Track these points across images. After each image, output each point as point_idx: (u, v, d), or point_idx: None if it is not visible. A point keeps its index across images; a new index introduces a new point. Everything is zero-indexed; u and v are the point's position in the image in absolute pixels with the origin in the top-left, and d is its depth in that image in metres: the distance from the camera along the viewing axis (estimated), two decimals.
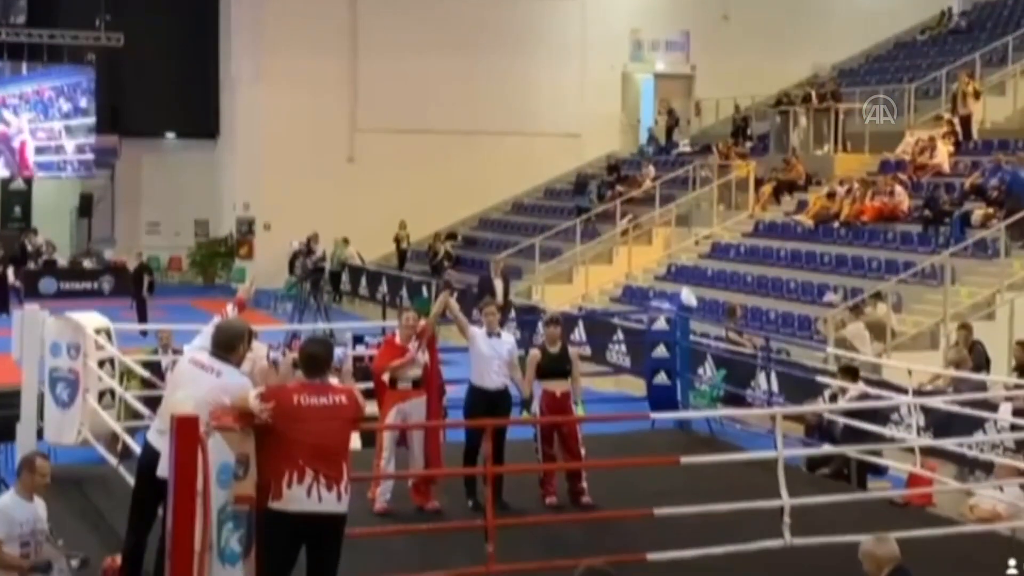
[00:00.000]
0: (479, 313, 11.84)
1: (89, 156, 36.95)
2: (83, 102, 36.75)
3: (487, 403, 10.97)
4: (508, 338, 11.48)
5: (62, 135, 36.79)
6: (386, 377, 10.94)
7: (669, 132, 36.20)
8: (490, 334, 11.25)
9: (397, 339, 11.07)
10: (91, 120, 36.69)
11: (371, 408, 11.10)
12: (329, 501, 7.18)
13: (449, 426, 12.21)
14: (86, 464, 12.18)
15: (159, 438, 7.94)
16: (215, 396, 7.50)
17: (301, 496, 7.13)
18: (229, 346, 7.89)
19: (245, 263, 37.11)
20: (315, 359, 7.52)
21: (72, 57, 36.65)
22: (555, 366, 11.37)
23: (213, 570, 7.11)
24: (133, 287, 28.74)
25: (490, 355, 11.15)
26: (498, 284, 23.70)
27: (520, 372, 11.39)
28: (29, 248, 35.15)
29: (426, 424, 10.88)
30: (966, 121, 26.53)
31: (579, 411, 11.44)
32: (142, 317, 25.79)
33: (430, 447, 10.93)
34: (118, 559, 8.48)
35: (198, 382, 7.73)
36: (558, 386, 11.34)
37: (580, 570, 6.33)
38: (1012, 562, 6.30)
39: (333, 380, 7.83)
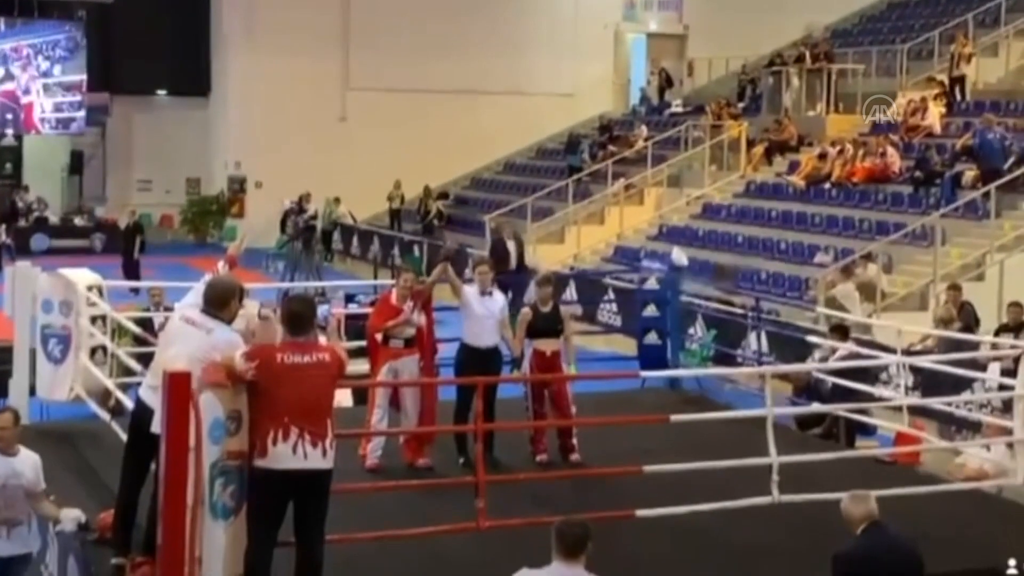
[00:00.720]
0: (472, 271, 11.87)
1: (80, 113, 36.80)
2: (73, 58, 36.56)
3: (479, 361, 11.01)
4: (499, 297, 11.52)
5: (50, 92, 36.63)
6: (379, 336, 10.98)
7: (661, 92, 36.14)
8: (482, 293, 11.29)
9: (392, 299, 11.10)
10: (82, 77, 36.52)
11: (360, 366, 11.20)
12: (314, 458, 7.24)
13: (440, 383, 12.25)
14: (78, 420, 12.23)
15: (151, 394, 7.97)
16: (206, 353, 7.51)
17: (287, 454, 7.18)
18: (221, 303, 7.91)
19: (237, 221, 37.07)
20: (299, 318, 7.54)
21: (62, 12, 36.46)
22: (546, 325, 11.42)
23: (205, 524, 7.16)
24: (124, 245, 28.67)
25: (483, 314, 11.19)
26: (512, 247, 23.42)
27: (511, 331, 11.44)
28: (20, 205, 35.09)
29: (417, 381, 10.93)
30: (960, 82, 26.54)
31: (572, 371, 11.50)
32: (132, 277, 25.64)
33: (425, 405, 10.98)
34: (111, 514, 8.52)
35: (189, 339, 7.74)
36: (548, 345, 11.39)
37: (557, 524, 6.53)
38: (1012, 562, 6.36)
39: (321, 339, 7.85)
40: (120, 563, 8.22)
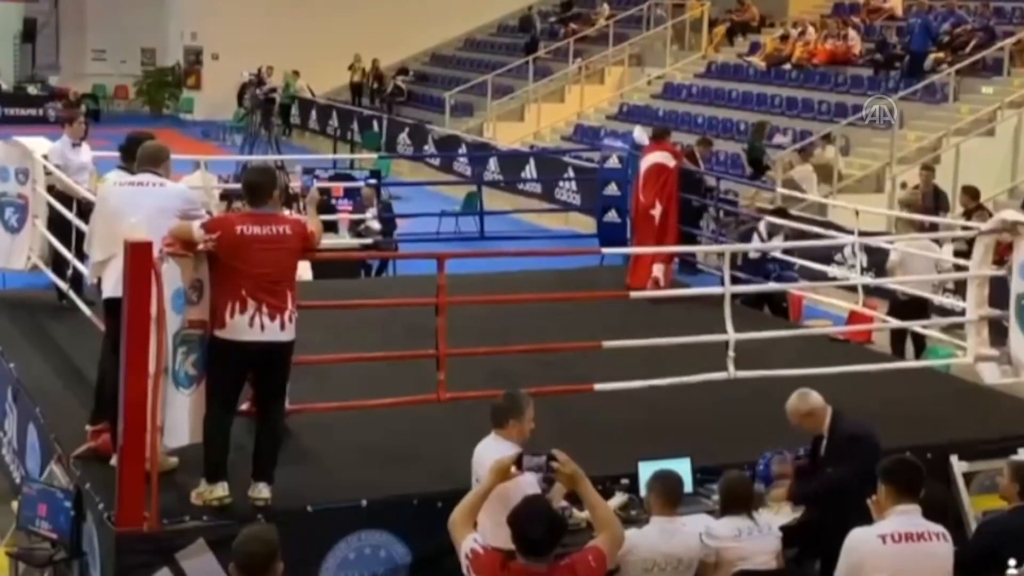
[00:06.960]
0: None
1: None
2: None
3: None
4: None
5: None
6: None
7: None
8: None
9: None
10: None
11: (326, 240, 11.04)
12: (272, 330, 7.19)
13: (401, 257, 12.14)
14: (36, 289, 12.20)
15: (99, 268, 7.87)
16: (163, 203, 7.47)
17: (244, 326, 7.14)
18: (155, 160, 7.81)
19: (193, 93, 36.68)
20: (256, 187, 7.38)
21: None
22: None
23: (167, 393, 7.18)
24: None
25: None
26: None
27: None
28: None
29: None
30: None
31: None
32: None
33: None
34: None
35: (147, 198, 7.61)
36: None
37: (501, 396, 6.98)
38: (1012, 562, 6.52)
39: (285, 211, 7.78)
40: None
